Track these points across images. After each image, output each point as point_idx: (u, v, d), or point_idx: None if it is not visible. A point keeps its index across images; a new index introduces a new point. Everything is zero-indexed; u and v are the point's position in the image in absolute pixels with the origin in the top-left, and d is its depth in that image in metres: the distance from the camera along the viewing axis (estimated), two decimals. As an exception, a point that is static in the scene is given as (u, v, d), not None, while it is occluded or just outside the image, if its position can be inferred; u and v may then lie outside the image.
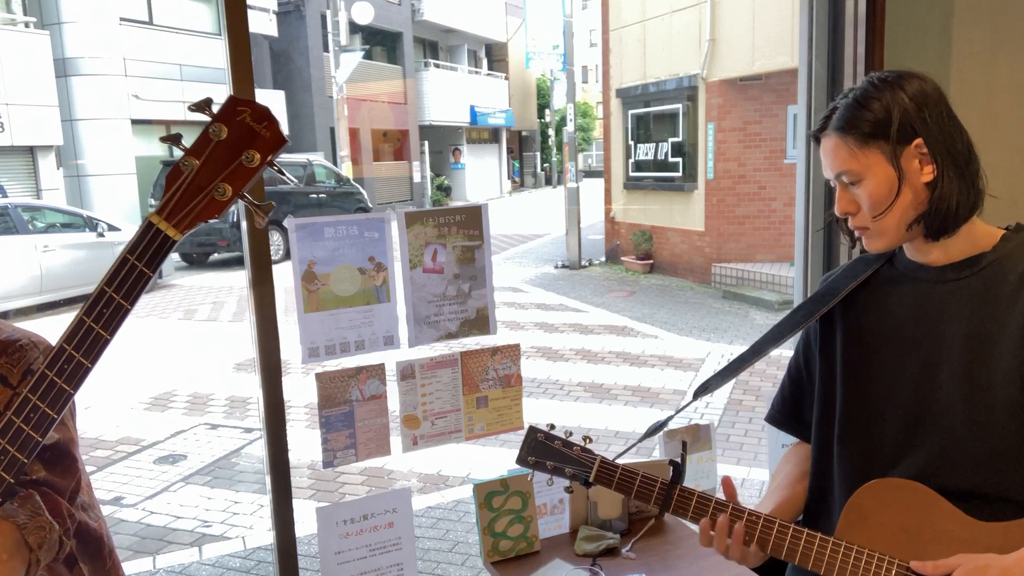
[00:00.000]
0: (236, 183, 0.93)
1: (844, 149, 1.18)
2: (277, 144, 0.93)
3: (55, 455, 1.08)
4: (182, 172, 0.92)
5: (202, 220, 0.93)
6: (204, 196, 0.92)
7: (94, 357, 0.94)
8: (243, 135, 0.92)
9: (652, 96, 12.03)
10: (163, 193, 0.93)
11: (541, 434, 1.34)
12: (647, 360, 7.06)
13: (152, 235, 0.92)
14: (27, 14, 14.93)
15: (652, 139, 12.14)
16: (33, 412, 0.93)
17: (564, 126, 14.24)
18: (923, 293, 1.23)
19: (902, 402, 1.22)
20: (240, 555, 3.78)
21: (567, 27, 14.22)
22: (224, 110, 0.91)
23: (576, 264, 12.66)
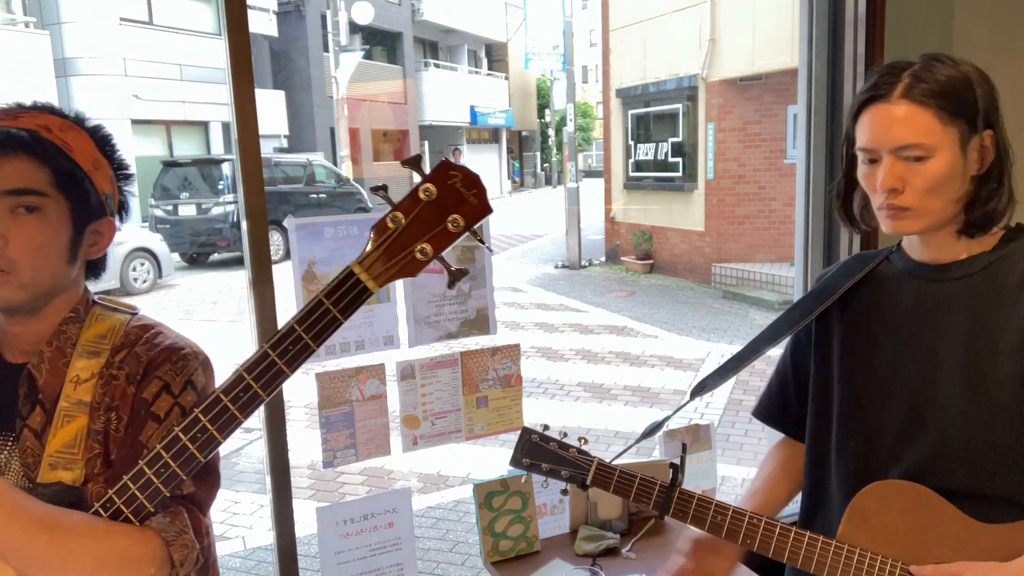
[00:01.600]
0: (437, 245, 0.93)
1: (924, 121, 1.11)
2: (482, 212, 0.93)
3: (205, 469, 1.07)
4: (389, 227, 0.93)
5: (399, 276, 0.94)
6: (406, 254, 0.93)
7: (271, 391, 0.95)
8: (451, 199, 0.92)
9: (652, 96, 12.03)
10: (368, 245, 0.94)
11: (536, 435, 1.31)
12: (647, 360, 7.06)
13: (352, 284, 0.94)
14: (27, 14, 14.93)
15: (652, 139, 12.14)
16: (201, 433, 0.95)
17: (564, 126, 14.24)
18: (923, 292, 1.22)
19: (901, 402, 1.21)
20: (240, 555, 3.78)
21: (567, 27, 14.22)
22: (436, 172, 0.92)
23: (576, 264, 12.66)
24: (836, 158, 2.33)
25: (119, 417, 1.07)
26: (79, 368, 1.08)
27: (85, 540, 0.96)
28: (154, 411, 1.08)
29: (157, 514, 1.00)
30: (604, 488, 1.27)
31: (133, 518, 0.98)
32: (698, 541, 1.31)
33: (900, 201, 1.14)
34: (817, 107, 2.33)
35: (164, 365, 1.11)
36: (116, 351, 1.11)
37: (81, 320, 1.12)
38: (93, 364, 1.09)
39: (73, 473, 1.04)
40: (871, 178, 1.16)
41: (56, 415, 1.05)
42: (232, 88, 1.60)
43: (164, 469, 0.96)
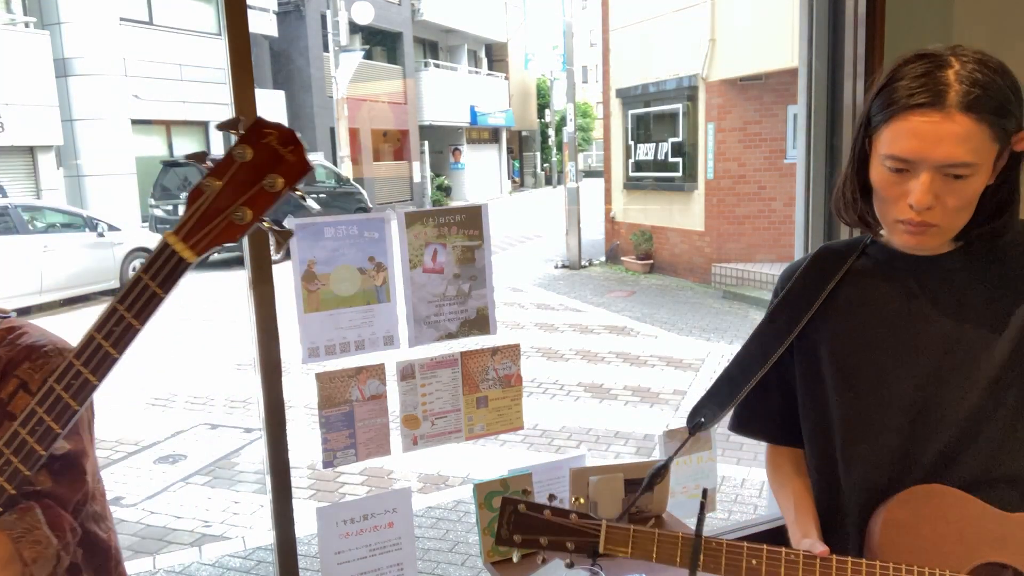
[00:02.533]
0: (257, 208, 0.90)
1: (980, 139, 1.01)
2: (301, 170, 0.90)
3: (63, 466, 1.06)
4: (203, 192, 0.89)
5: (219, 243, 0.91)
6: (222, 219, 0.90)
7: (101, 375, 0.92)
8: (267, 158, 0.89)
9: (652, 96, 12.03)
10: (184, 212, 0.91)
11: (522, 504, 1.08)
12: (647, 360, 7.06)
13: (167, 256, 0.90)
14: (27, 14, 14.92)
15: (652, 139, 12.14)
16: (39, 425, 0.93)
17: (564, 126, 14.24)
18: (913, 285, 1.17)
19: (906, 403, 1.15)
20: (240, 555, 3.78)
21: (567, 27, 14.22)
22: (250, 131, 0.89)
23: (576, 264, 12.66)
24: (836, 157, 2.33)
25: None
26: None
27: None
28: (10, 410, 1.05)
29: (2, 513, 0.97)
30: (621, 552, 1.09)
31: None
32: None
33: (929, 218, 1.05)
34: (817, 107, 2.33)
35: (23, 364, 1.08)
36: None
37: None
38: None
39: None
40: (894, 189, 1.07)
41: None
42: (232, 88, 1.60)
43: (6, 466, 0.92)
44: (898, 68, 1.06)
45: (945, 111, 1.00)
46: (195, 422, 5.72)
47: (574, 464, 1.97)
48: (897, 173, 1.05)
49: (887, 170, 1.07)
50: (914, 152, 1.02)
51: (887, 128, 1.05)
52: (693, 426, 1.30)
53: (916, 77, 1.03)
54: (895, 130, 1.04)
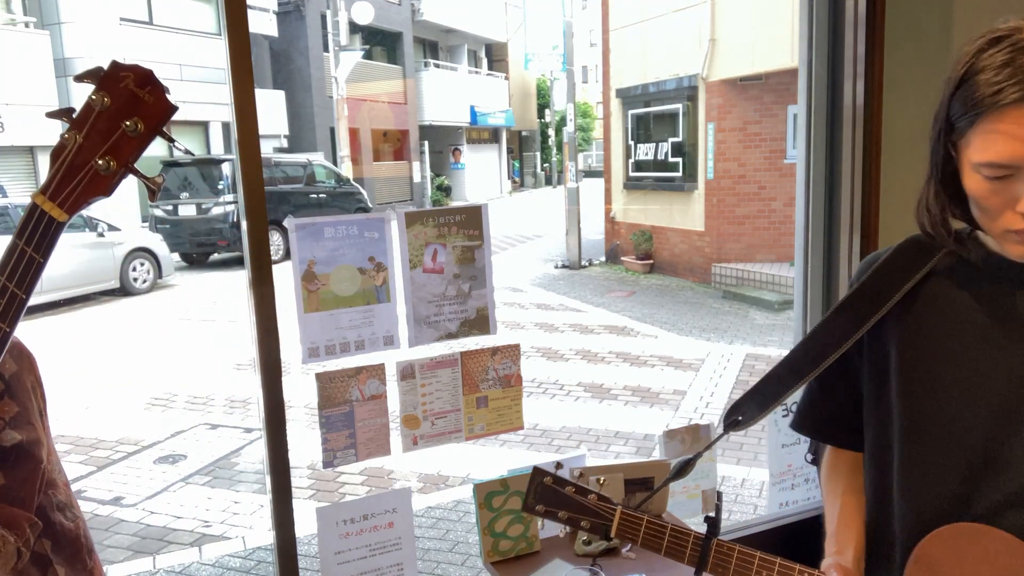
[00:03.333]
0: (120, 156, 0.86)
1: None
2: (164, 111, 0.86)
3: (17, 458, 1.04)
4: (64, 147, 0.85)
5: (89, 197, 0.87)
6: (87, 172, 0.85)
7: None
8: (126, 103, 0.85)
9: (652, 96, 12.03)
10: (49, 170, 0.86)
11: (549, 477, 1.13)
12: (647, 360, 7.06)
13: (38, 217, 0.85)
14: (27, 14, 14.93)
15: (652, 139, 12.14)
16: None
17: (564, 126, 14.24)
18: (1009, 299, 1.00)
19: (977, 435, 1.00)
20: (240, 555, 3.78)
21: (567, 27, 14.22)
22: (106, 76, 0.85)
23: (576, 264, 12.66)
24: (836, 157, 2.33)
25: None
26: None
27: None
28: None
29: None
30: (631, 540, 1.12)
31: None
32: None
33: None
34: (817, 107, 2.33)
35: None
36: None
37: None
38: None
39: None
40: (996, 197, 0.92)
41: None
42: (232, 88, 1.60)
43: None
44: (973, 58, 0.92)
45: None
46: (195, 422, 5.72)
47: (574, 464, 1.97)
48: (997, 180, 0.91)
49: (984, 179, 0.92)
50: (1015, 156, 0.88)
51: (975, 132, 0.91)
52: (728, 423, 1.20)
53: (998, 68, 0.88)
54: (986, 134, 0.90)
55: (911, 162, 2.35)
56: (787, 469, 2.46)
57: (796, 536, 2.31)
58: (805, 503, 2.49)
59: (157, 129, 0.87)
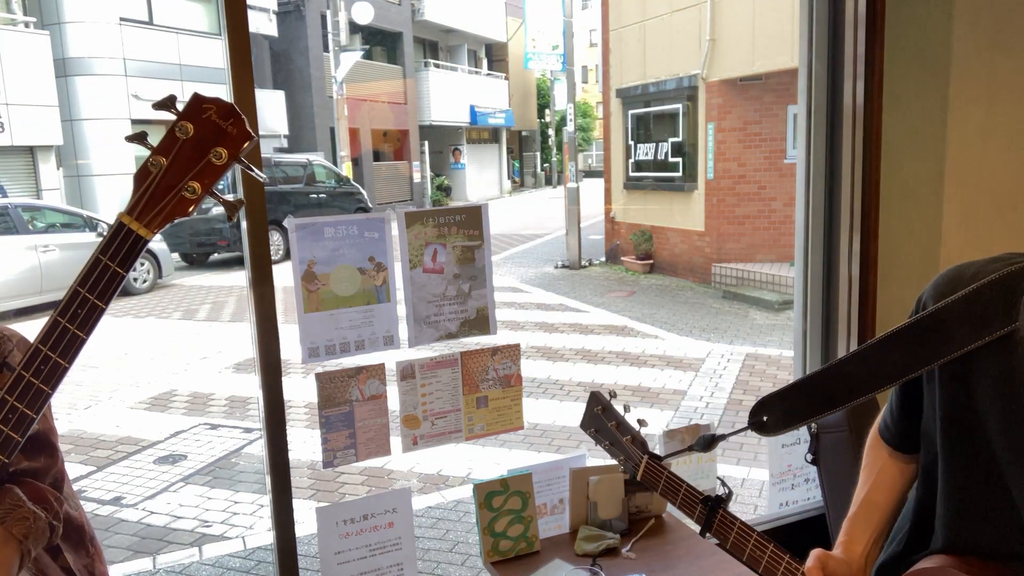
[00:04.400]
0: (205, 181, 0.93)
1: None
2: (244, 140, 0.93)
3: (35, 444, 1.08)
4: (150, 172, 0.92)
5: (172, 219, 0.94)
6: (174, 195, 0.93)
7: (70, 358, 0.93)
8: (210, 133, 0.92)
9: (652, 96, 12.03)
10: (133, 192, 0.93)
11: (600, 407, 1.27)
12: (647, 360, 7.05)
13: (124, 235, 0.92)
14: (27, 14, 14.93)
15: (652, 139, 12.14)
16: (11, 413, 0.94)
17: (564, 126, 14.24)
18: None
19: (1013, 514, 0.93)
20: (240, 555, 3.78)
21: (567, 27, 14.22)
22: (189, 108, 0.92)
23: (576, 264, 12.66)
24: (836, 157, 2.33)
25: None
26: None
27: None
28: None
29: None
30: (651, 487, 1.22)
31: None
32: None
33: None
34: (817, 107, 2.33)
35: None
36: None
37: None
38: None
39: None
40: None
41: None
42: (232, 88, 1.61)
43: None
44: None
45: None
46: (195, 422, 5.72)
47: (574, 464, 1.98)
48: None
49: None
50: None
51: None
52: (753, 423, 1.14)
53: None
54: None
55: (911, 162, 2.35)
56: (787, 469, 2.46)
57: (796, 536, 2.31)
58: (805, 503, 2.49)
59: (238, 157, 0.94)
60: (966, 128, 2.23)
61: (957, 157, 2.20)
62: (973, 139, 2.24)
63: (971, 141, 2.23)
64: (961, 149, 2.21)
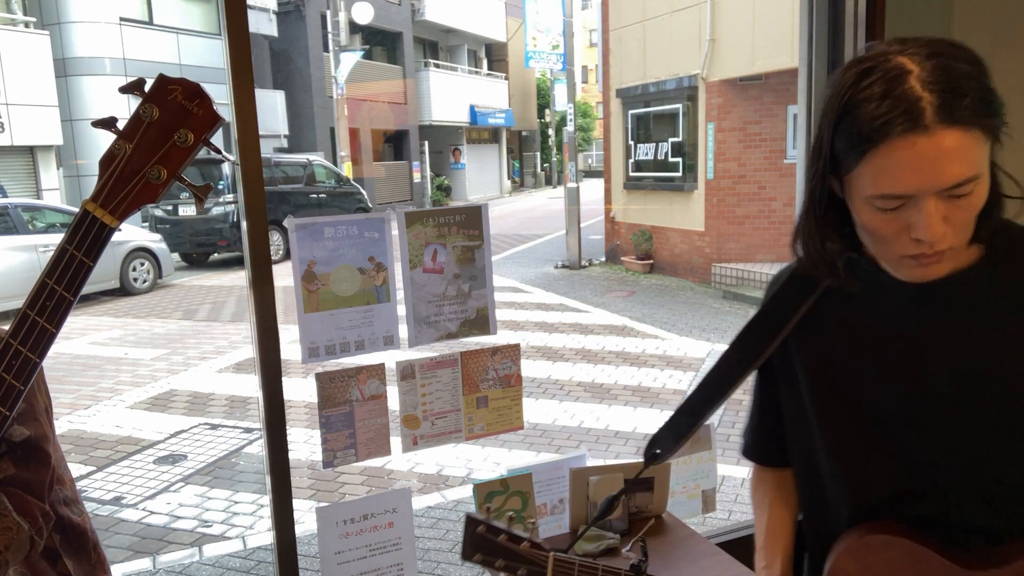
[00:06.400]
0: (171, 165, 0.91)
1: (975, 146, 0.87)
2: (211, 122, 0.91)
3: (26, 451, 1.06)
4: (115, 156, 0.90)
5: (139, 205, 0.91)
6: (139, 180, 0.90)
7: (41, 351, 0.91)
8: (175, 115, 0.90)
9: (652, 96, 12.03)
10: (98, 179, 0.91)
11: (482, 526, 1.13)
12: (647, 360, 7.05)
13: (88, 223, 0.90)
14: (27, 14, 14.93)
15: (652, 139, 12.14)
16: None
17: (564, 126, 14.24)
18: (906, 315, 1.02)
19: (896, 447, 1.04)
20: (240, 555, 3.78)
21: (567, 27, 14.23)
22: (154, 89, 0.90)
23: (576, 264, 12.66)
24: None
25: None
26: None
27: None
28: None
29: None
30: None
31: None
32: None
33: (945, 244, 0.91)
34: (817, 107, 2.33)
35: None
36: None
37: None
38: None
39: None
40: (892, 226, 0.92)
41: None
42: (232, 88, 1.61)
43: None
44: (850, 90, 0.90)
45: (928, 132, 0.85)
46: (195, 422, 5.72)
47: (574, 464, 1.98)
48: (891, 211, 0.91)
49: (877, 210, 0.92)
50: (911, 186, 0.87)
51: (864, 166, 0.89)
52: (648, 458, 1.22)
53: (878, 99, 0.86)
54: (877, 167, 0.88)
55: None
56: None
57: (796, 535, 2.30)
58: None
59: (205, 140, 0.91)
60: (966, 128, 2.22)
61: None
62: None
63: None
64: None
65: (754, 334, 1.15)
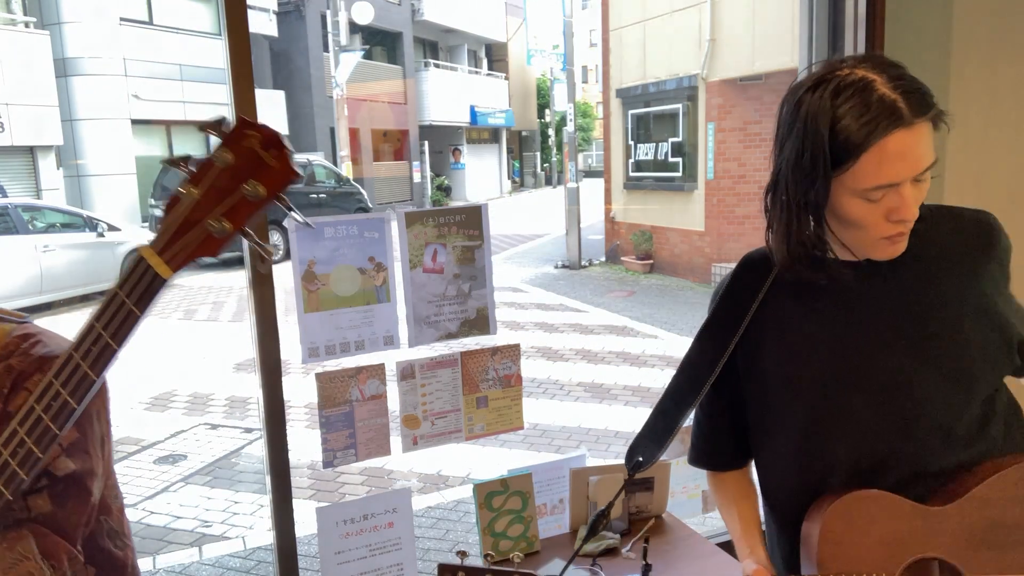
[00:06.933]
0: (237, 219, 0.82)
1: (931, 134, 1.04)
2: (287, 178, 0.82)
3: (67, 487, 1.00)
4: (179, 201, 0.82)
5: (196, 257, 0.84)
6: (201, 231, 0.82)
7: (79, 398, 0.87)
8: (249, 163, 0.81)
9: (652, 96, 12.03)
10: (159, 223, 0.84)
11: (461, 572, 1.07)
12: (647, 360, 7.05)
13: (143, 272, 0.83)
14: (27, 14, 14.93)
15: (652, 139, 12.14)
16: (20, 447, 0.86)
17: (564, 126, 14.24)
18: (855, 291, 1.15)
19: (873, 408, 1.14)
20: (240, 555, 3.78)
21: (567, 27, 14.22)
22: (232, 133, 0.81)
23: (576, 264, 12.66)
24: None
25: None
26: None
27: None
28: None
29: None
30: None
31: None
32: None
33: (911, 224, 1.07)
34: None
35: (33, 376, 1.02)
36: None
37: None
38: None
39: None
40: (874, 214, 1.06)
41: None
42: (232, 88, 1.61)
43: (3, 467, 0.87)
44: (832, 110, 1.02)
45: (910, 126, 1.01)
46: (195, 422, 5.72)
47: (574, 464, 1.98)
48: (873, 201, 1.05)
49: (866, 201, 1.05)
50: (900, 173, 1.02)
51: (861, 164, 1.02)
52: (632, 467, 1.26)
53: (862, 108, 1.01)
54: (873, 163, 1.02)
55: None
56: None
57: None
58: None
59: (277, 195, 0.82)
60: (966, 129, 2.23)
61: (957, 158, 2.20)
62: (973, 140, 2.24)
63: (971, 142, 2.23)
64: (961, 150, 2.20)
65: (716, 330, 1.24)
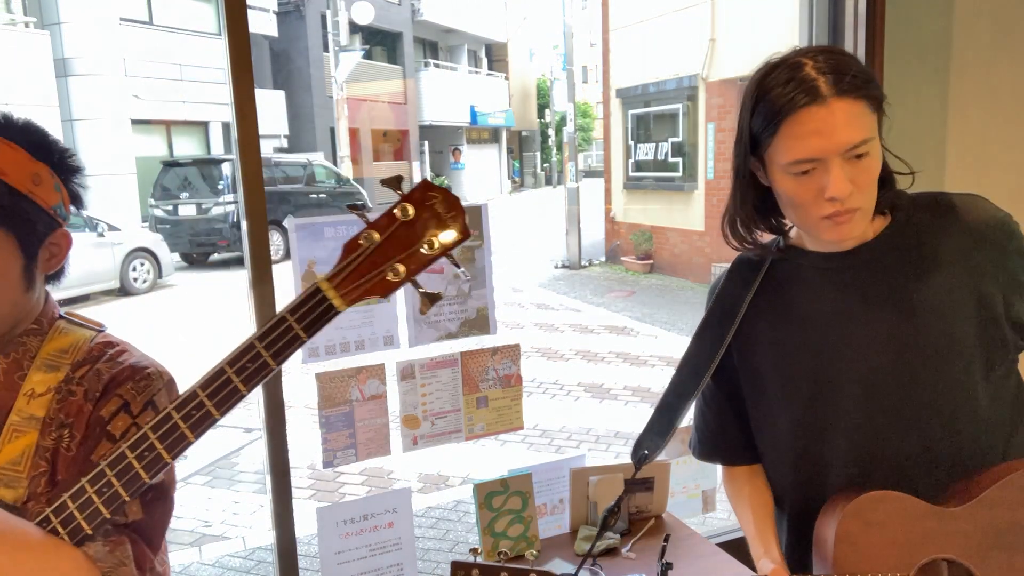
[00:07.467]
0: (411, 267, 0.89)
1: (863, 114, 1.06)
2: (460, 237, 0.90)
3: (156, 495, 1.02)
4: (360, 245, 0.89)
5: (369, 296, 0.90)
6: (377, 273, 0.89)
7: (225, 409, 0.90)
8: (428, 220, 0.89)
9: (652, 96, 12.03)
10: (339, 260, 0.90)
11: (475, 569, 1.04)
12: (647, 360, 7.06)
13: (318, 301, 0.89)
14: (27, 14, 14.92)
15: (652, 139, 12.14)
16: (148, 451, 0.89)
17: (564, 126, 14.24)
18: (841, 285, 1.17)
19: (864, 403, 1.16)
20: (240, 555, 3.78)
21: (567, 27, 14.22)
22: (416, 191, 0.89)
23: (576, 264, 12.66)
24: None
25: (72, 435, 1.01)
26: (35, 382, 1.03)
27: (30, 553, 0.89)
28: (110, 430, 1.02)
29: (97, 541, 0.94)
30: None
31: (68, 540, 0.91)
32: None
33: (851, 204, 1.08)
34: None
35: (126, 383, 1.05)
36: (77, 367, 1.06)
37: (43, 333, 1.08)
38: (51, 378, 1.04)
39: (15, 492, 0.99)
40: (806, 191, 1.08)
41: (4, 430, 1.00)
42: (232, 88, 1.61)
43: (107, 488, 0.89)
44: (761, 85, 1.10)
45: (825, 103, 1.04)
46: (195, 422, 5.72)
47: (574, 464, 1.98)
48: (804, 175, 1.08)
49: (793, 177, 1.09)
50: (817, 149, 1.05)
51: (779, 139, 1.07)
52: (638, 460, 1.30)
53: (784, 84, 1.07)
54: (789, 137, 1.06)
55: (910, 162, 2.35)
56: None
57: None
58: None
59: (448, 252, 0.90)
60: (966, 128, 2.23)
61: (957, 157, 2.20)
62: (973, 139, 2.24)
63: (971, 141, 2.23)
64: (961, 149, 2.21)
65: (711, 328, 1.27)
